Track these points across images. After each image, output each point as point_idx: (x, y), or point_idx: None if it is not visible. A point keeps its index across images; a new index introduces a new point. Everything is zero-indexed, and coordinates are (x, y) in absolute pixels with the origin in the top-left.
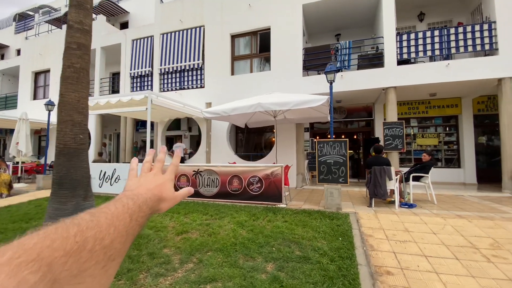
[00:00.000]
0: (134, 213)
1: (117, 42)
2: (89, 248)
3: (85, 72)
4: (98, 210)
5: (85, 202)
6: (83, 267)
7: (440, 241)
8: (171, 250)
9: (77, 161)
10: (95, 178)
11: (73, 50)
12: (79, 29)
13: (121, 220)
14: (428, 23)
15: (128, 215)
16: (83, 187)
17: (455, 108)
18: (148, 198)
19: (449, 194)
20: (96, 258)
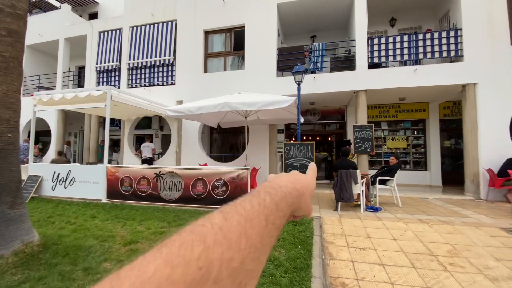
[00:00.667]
0: (271, 213)
1: (83, 34)
2: (214, 278)
3: (16, 62)
4: (233, 208)
5: (12, 210)
6: None
7: (399, 247)
8: (112, 264)
9: (4, 163)
10: (47, 180)
11: (2, 37)
12: (10, 13)
13: (255, 225)
14: (399, 28)
15: (264, 216)
16: (11, 193)
17: (423, 113)
18: (288, 192)
19: (415, 196)
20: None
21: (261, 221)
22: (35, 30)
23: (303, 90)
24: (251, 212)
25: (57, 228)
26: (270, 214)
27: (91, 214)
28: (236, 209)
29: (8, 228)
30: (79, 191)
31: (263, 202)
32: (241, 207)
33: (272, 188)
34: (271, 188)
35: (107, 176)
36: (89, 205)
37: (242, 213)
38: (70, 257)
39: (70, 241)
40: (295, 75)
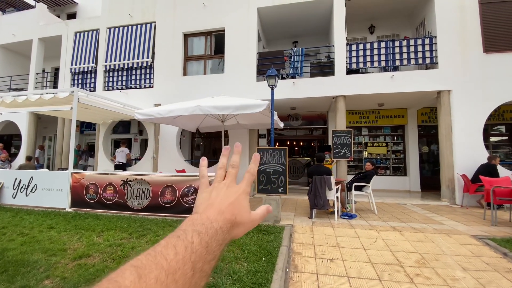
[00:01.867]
0: (200, 259)
1: (58, 34)
2: None
3: None
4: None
5: None
6: None
7: (368, 258)
8: (54, 282)
9: None
10: (8, 188)
11: None
12: None
13: (179, 278)
14: (378, 35)
15: (191, 265)
16: None
17: (401, 119)
18: (219, 227)
19: (392, 202)
20: None
21: (186, 271)
22: (8, 29)
23: (283, 95)
24: (175, 262)
25: (6, 241)
26: (198, 260)
27: (49, 224)
28: (155, 260)
29: None
30: (42, 199)
31: (190, 245)
32: (162, 256)
33: (202, 224)
34: (201, 225)
35: (72, 183)
36: (50, 214)
37: (162, 266)
38: (9, 274)
39: (14, 255)
40: (268, 79)
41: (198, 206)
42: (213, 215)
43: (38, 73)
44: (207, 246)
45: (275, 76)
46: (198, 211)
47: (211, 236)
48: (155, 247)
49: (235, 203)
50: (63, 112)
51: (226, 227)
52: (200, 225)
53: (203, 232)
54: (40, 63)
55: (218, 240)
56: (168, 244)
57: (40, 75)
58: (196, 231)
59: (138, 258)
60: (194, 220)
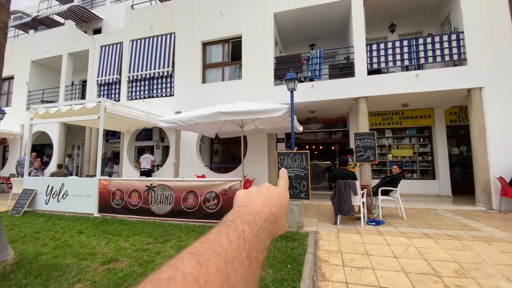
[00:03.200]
0: (253, 248)
1: (85, 48)
2: None
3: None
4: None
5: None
6: None
7: (400, 267)
8: (85, 286)
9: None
10: (41, 194)
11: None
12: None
13: (238, 267)
14: (399, 34)
15: (246, 253)
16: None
17: (428, 119)
18: (266, 218)
19: (422, 208)
20: None
21: (243, 260)
22: (40, 46)
23: (301, 98)
24: (231, 250)
25: (40, 245)
26: (252, 249)
27: (79, 229)
28: (212, 247)
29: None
30: (72, 205)
31: (242, 234)
32: (217, 244)
33: (249, 215)
34: (248, 215)
35: (99, 189)
36: (80, 219)
37: (220, 253)
38: (42, 278)
39: (48, 259)
40: (288, 83)
41: (238, 201)
42: (258, 207)
43: (67, 85)
44: (257, 235)
45: (295, 79)
46: (240, 204)
47: (260, 225)
48: (207, 235)
49: (277, 199)
50: (90, 121)
51: (272, 219)
52: (247, 215)
53: (252, 221)
54: (69, 76)
55: (267, 230)
56: (220, 232)
57: (70, 87)
58: (246, 221)
59: (193, 245)
60: (239, 212)
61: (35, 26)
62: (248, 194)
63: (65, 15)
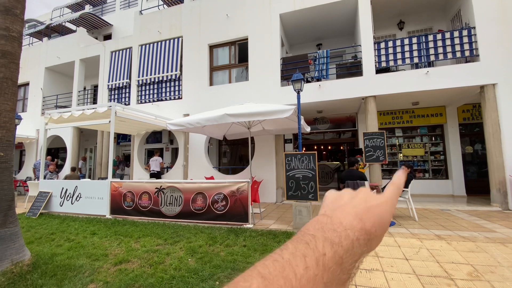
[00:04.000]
0: (333, 280)
1: (96, 54)
2: None
3: (10, 83)
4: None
5: (2, 229)
6: None
7: (411, 269)
8: (97, 286)
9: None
10: (56, 196)
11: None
12: (4, 35)
13: None
14: (408, 31)
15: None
16: (2, 211)
17: (439, 117)
18: (356, 238)
19: (435, 208)
20: None
21: None
22: (53, 52)
23: (309, 98)
24: (305, 280)
25: (55, 246)
26: (331, 281)
27: (92, 230)
28: (284, 273)
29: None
30: (85, 206)
31: (322, 258)
32: (290, 268)
33: (334, 231)
34: (333, 231)
35: (111, 192)
36: (93, 221)
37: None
38: (57, 278)
39: (62, 260)
40: (294, 83)
41: (325, 206)
42: (348, 221)
43: (80, 91)
44: (341, 262)
45: (301, 80)
46: (326, 212)
47: (346, 249)
48: (282, 251)
49: (376, 212)
50: (102, 125)
51: (364, 239)
52: (331, 231)
53: (337, 242)
54: (82, 81)
55: (354, 255)
56: (296, 252)
57: (82, 92)
58: (328, 240)
59: (265, 264)
60: (323, 224)
61: (48, 34)
62: (339, 199)
63: (76, 22)
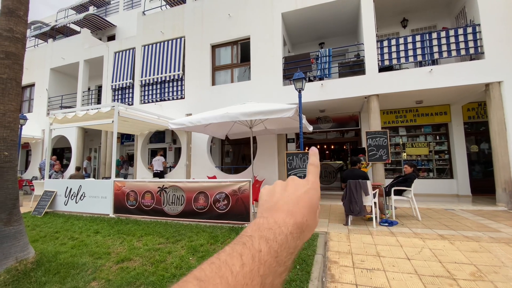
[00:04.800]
0: (269, 272)
1: (100, 55)
2: None
3: (14, 83)
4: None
5: (6, 227)
6: None
7: (413, 269)
8: (100, 284)
9: (0, 181)
10: (61, 196)
11: (0, 60)
12: (8, 37)
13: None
14: (412, 29)
15: (259, 279)
16: (6, 210)
17: (444, 116)
18: (289, 233)
19: (439, 208)
20: None
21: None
22: (58, 54)
23: (311, 97)
24: (241, 276)
25: (59, 244)
26: (268, 273)
27: (95, 229)
28: (220, 272)
29: (2, 245)
30: (89, 205)
31: (257, 254)
32: (227, 268)
33: (270, 229)
34: (268, 229)
35: (114, 191)
36: (96, 220)
37: (228, 280)
38: (60, 275)
39: (66, 258)
40: (295, 82)
41: (261, 205)
42: (281, 218)
43: (84, 91)
44: (276, 255)
45: (302, 79)
46: (262, 214)
47: (281, 243)
48: (220, 254)
49: (305, 201)
50: (106, 125)
51: (297, 232)
52: (267, 230)
53: (271, 238)
54: (86, 82)
55: (289, 248)
56: (233, 252)
57: (86, 93)
58: (264, 237)
59: (201, 267)
60: (260, 225)
61: (53, 35)
62: (272, 196)
63: (81, 23)
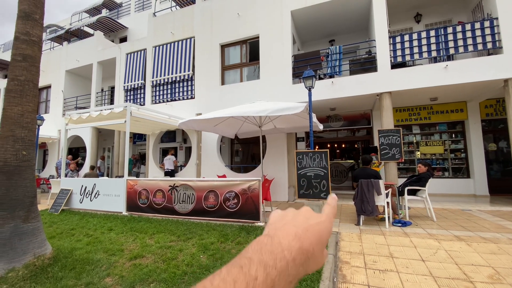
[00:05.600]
0: None
1: (113, 57)
2: None
3: (31, 85)
4: None
5: (25, 224)
6: None
7: (428, 271)
8: (113, 280)
9: (19, 179)
10: (76, 194)
11: (17, 62)
12: (25, 40)
13: None
14: (425, 24)
15: None
16: (25, 207)
17: (460, 113)
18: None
19: (454, 208)
20: None
21: None
22: (73, 56)
23: (321, 95)
24: None
25: (74, 241)
26: None
27: (109, 226)
28: None
29: (21, 241)
30: (103, 203)
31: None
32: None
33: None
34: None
35: (127, 189)
36: (110, 217)
37: None
38: (76, 271)
39: (81, 254)
40: (305, 80)
41: (270, 225)
42: (287, 241)
43: (98, 92)
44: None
45: (312, 77)
46: (269, 232)
47: (280, 270)
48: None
49: (315, 231)
50: (118, 125)
51: (300, 259)
52: (268, 253)
53: (271, 265)
54: (99, 83)
55: (288, 276)
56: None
57: (100, 94)
58: (263, 263)
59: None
60: (262, 245)
61: (68, 38)
62: (282, 219)
63: (94, 26)
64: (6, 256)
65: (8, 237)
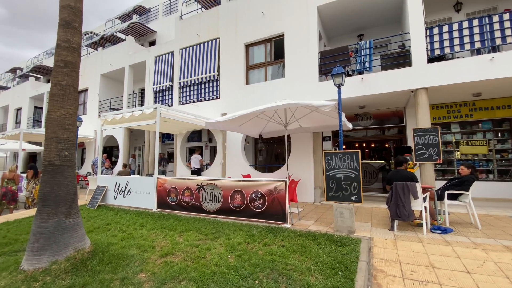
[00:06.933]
0: None
1: (143, 60)
2: None
3: (72, 89)
4: None
5: (67, 220)
6: None
7: (475, 284)
8: (146, 276)
9: (61, 177)
10: (111, 190)
11: (60, 68)
12: (66, 47)
13: None
14: (466, 13)
15: None
16: (67, 204)
17: (507, 110)
18: None
19: (502, 215)
20: None
21: None
22: (107, 60)
23: (350, 93)
24: None
25: (110, 236)
26: None
27: (141, 223)
28: None
29: (63, 235)
30: (135, 200)
31: None
32: None
33: None
34: None
35: (157, 187)
36: (141, 214)
37: None
38: (112, 266)
39: (116, 249)
40: (335, 78)
41: None
42: None
43: (129, 94)
44: None
45: (342, 74)
46: None
47: None
48: None
49: None
50: (148, 125)
51: None
52: None
53: None
54: (131, 86)
55: None
56: None
57: (131, 96)
58: None
59: None
60: None
61: (102, 44)
62: None
63: (125, 31)
64: (50, 249)
65: (52, 231)
